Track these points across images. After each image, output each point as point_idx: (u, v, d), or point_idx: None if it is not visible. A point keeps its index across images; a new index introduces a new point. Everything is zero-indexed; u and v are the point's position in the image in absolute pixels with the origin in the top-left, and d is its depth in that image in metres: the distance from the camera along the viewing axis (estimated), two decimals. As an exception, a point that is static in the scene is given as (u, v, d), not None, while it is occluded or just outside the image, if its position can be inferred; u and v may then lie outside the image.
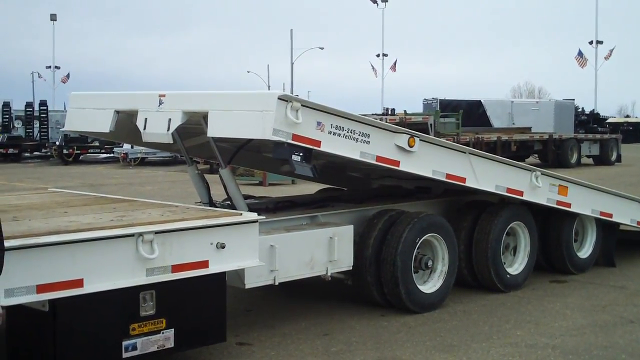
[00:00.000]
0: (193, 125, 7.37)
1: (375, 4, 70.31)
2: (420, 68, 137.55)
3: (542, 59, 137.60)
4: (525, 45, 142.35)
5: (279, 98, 6.55)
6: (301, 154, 6.84)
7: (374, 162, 7.39)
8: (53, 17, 71.41)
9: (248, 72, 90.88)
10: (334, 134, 6.99)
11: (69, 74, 70.10)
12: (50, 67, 71.99)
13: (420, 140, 7.72)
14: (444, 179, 8.07)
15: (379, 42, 72.09)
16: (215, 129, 6.93)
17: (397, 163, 7.60)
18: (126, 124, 7.91)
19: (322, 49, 78.25)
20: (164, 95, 7.36)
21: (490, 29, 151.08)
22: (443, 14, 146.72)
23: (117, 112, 7.87)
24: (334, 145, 7.01)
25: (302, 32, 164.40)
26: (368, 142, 7.28)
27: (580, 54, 65.88)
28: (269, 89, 73.56)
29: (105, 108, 7.97)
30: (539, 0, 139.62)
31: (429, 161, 7.88)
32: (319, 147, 6.89)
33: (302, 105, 6.71)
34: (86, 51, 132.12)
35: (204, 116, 7.00)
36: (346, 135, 7.09)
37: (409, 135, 7.62)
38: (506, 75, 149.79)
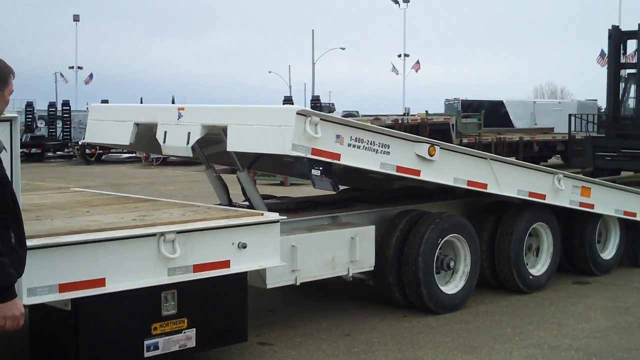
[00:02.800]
0: (212, 135, 7.39)
1: (397, 4, 69.95)
2: (442, 68, 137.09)
3: (564, 60, 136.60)
4: (547, 45, 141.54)
5: (297, 113, 6.56)
6: (321, 168, 6.85)
7: (394, 172, 7.38)
8: (76, 18, 71.68)
9: (269, 72, 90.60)
10: (354, 146, 6.98)
11: (91, 74, 70.27)
12: (72, 67, 72.34)
13: (440, 148, 7.69)
14: (466, 186, 8.04)
15: (400, 42, 71.78)
16: (235, 144, 6.96)
17: (418, 172, 7.58)
18: (146, 134, 7.97)
19: (343, 49, 78.01)
20: (182, 109, 7.43)
21: (512, 29, 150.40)
22: (465, 14, 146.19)
23: (137, 124, 7.92)
24: (353, 158, 7.00)
25: (324, 33, 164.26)
26: (388, 153, 7.27)
27: (602, 54, 65.28)
28: (290, 90, 73.84)
29: (125, 120, 8.03)
30: (561, 1, 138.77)
31: (450, 169, 7.85)
32: (339, 160, 6.89)
33: (321, 119, 6.70)
34: (109, 52, 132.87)
35: (224, 129, 7.02)
36: (366, 147, 7.08)
37: (429, 144, 7.59)
38: (528, 76, 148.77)
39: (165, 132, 7.50)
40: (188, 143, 7.26)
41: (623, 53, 21.93)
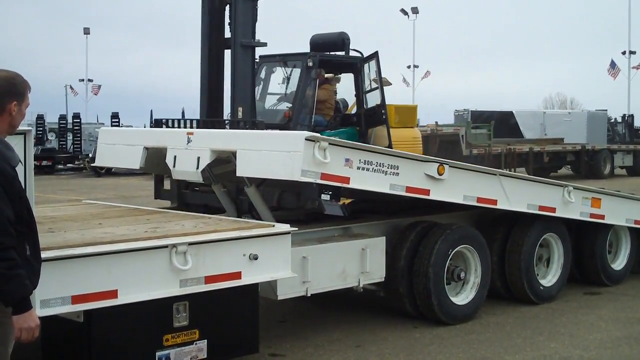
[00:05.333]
0: (222, 157, 7.43)
1: (406, 16, 69.97)
2: (452, 79, 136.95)
3: (574, 70, 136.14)
4: (557, 56, 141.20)
5: (306, 139, 6.59)
6: (330, 193, 6.88)
7: (403, 193, 7.41)
8: (86, 31, 71.99)
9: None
10: (363, 169, 7.02)
11: (100, 85, 70.44)
12: (83, 80, 72.58)
13: (449, 167, 7.72)
14: (476, 203, 8.06)
15: (410, 53, 71.71)
16: (244, 169, 7.03)
17: (427, 192, 7.61)
18: (156, 158, 8.02)
19: (352, 60, 78.12)
20: (192, 133, 7.50)
21: (522, 40, 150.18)
22: (474, 25, 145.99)
23: (146, 148, 7.98)
24: (363, 181, 7.05)
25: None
26: (397, 174, 7.30)
27: (612, 64, 65.16)
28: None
29: (135, 144, 8.10)
30: (570, 11, 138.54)
31: (459, 187, 7.88)
32: (348, 183, 6.92)
33: (329, 144, 6.73)
34: (119, 64, 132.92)
35: (233, 153, 7.08)
36: (375, 169, 7.12)
37: (438, 164, 7.62)
38: (538, 86, 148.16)
39: (175, 157, 7.56)
40: (198, 168, 7.32)
41: (229, 23, 10.74)
